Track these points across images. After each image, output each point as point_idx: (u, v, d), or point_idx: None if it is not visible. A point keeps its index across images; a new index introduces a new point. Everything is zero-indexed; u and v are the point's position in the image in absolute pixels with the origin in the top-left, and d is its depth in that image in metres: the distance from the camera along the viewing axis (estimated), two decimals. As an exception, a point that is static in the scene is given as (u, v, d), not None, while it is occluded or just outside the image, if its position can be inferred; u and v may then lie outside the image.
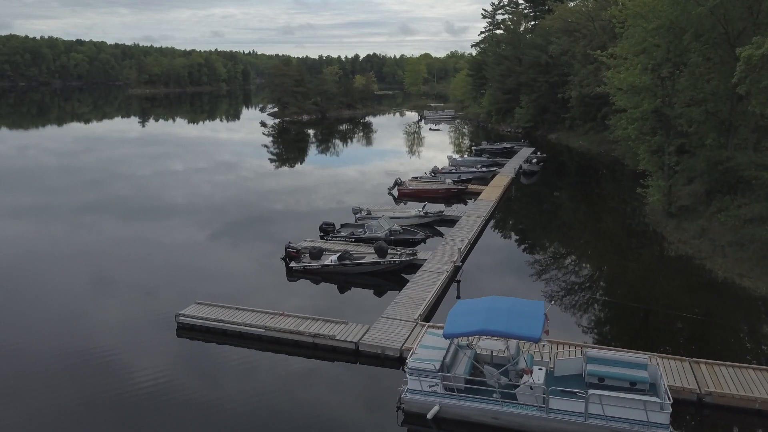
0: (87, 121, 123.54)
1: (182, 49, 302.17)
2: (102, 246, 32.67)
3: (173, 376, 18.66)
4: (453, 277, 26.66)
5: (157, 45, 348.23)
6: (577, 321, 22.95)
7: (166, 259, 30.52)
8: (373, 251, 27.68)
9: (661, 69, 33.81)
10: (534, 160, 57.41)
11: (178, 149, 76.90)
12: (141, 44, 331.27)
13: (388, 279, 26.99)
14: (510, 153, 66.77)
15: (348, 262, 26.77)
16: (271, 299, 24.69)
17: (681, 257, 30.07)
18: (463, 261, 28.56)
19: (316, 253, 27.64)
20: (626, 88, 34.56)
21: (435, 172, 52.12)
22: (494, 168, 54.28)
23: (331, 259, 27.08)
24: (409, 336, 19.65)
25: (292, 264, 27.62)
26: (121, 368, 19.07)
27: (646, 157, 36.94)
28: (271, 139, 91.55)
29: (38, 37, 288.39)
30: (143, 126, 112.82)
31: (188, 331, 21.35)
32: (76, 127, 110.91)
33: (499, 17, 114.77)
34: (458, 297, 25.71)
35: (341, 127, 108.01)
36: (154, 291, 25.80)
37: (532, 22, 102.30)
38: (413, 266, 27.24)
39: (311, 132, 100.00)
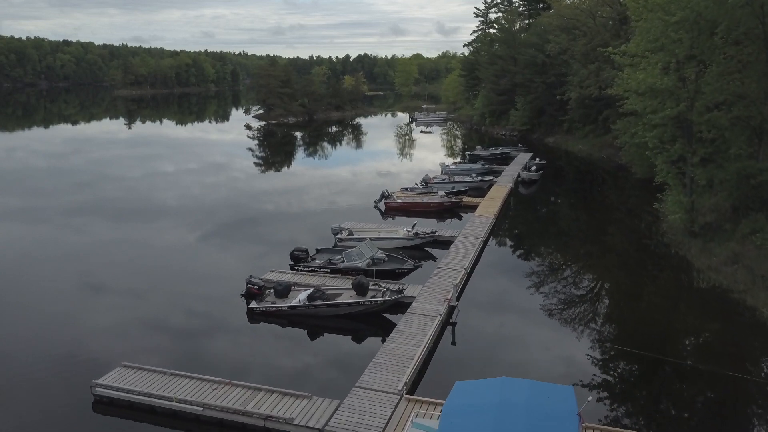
0: (74, 122, 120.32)
1: (172, 49, 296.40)
2: (82, 251, 31.54)
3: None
4: (447, 320, 22.12)
5: (146, 46, 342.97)
6: (607, 384, 18.38)
7: (116, 288, 25.88)
8: (351, 287, 23.06)
9: (684, 68, 29.45)
10: (533, 168, 53.03)
11: (156, 153, 73.14)
12: (130, 45, 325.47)
13: (368, 322, 22.38)
14: (506, 159, 62.40)
15: (320, 302, 22.14)
16: (221, 352, 20.10)
17: (714, 290, 25.60)
18: (459, 296, 23.99)
19: (282, 290, 22.96)
20: (644, 90, 30.07)
21: (426, 181, 47.55)
22: (490, 177, 49.79)
23: (299, 299, 22.38)
24: (390, 417, 15.03)
25: (253, 304, 22.90)
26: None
27: (665, 169, 32.53)
28: (256, 142, 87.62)
29: (24, 38, 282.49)
30: (129, 128, 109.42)
31: (107, 406, 16.61)
32: (63, 129, 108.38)
33: (492, 15, 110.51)
34: (453, 342, 21.30)
35: (329, 130, 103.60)
36: (81, 342, 21.07)
37: (527, 21, 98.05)
38: (400, 305, 22.71)
39: (298, 135, 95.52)
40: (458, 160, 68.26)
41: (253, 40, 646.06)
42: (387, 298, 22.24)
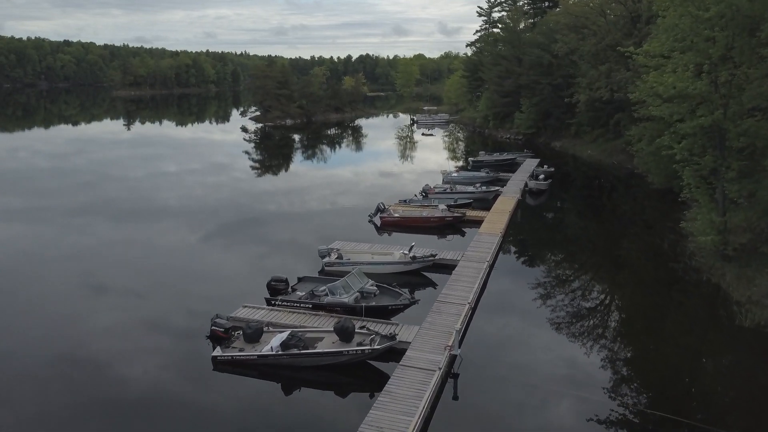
0: (75, 123, 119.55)
1: (174, 50, 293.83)
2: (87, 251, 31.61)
3: None
4: (448, 372, 18.61)
5: (148, 46, 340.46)
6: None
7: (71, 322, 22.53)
8: (333, 331, 19.50)
9: (718, 71, 25.85)
10: (541, 176, 49.43)
11: (153, 154, 72.06)
12: (132, 45, 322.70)
13: (354, 374, 18.85)
14: (512, 165, 58.80)
15: (296, 351, 18.60)
16: (172, 416, 16.67)
17: (759, 329, 21.91)
18: (462, 338, 20.47)
19: (253, 334, 19.45)
20: (674, 95, 26.45)
21: (426, 192, 43.99)
22: (496, 188, 46.07)
23: (272, 346, 18.81)
24: None
25: (217, 351, 19.30)
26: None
27: (693, 183, 28.88)
28: (252, 145, 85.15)
29: (24, 38, 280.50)
30: (128, 129, 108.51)
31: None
32: (64, 129, 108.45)
33: (496, 15, 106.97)
34: (455, 397, 17.86)
35: (328, 132, 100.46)
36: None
37: (531, 20, 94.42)
38: (393, 352, 19.17)
39: (296, 137, 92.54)
40: (461, 163, 65.02)
41: (256, 41, 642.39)
42: (376, 347, 18.64)
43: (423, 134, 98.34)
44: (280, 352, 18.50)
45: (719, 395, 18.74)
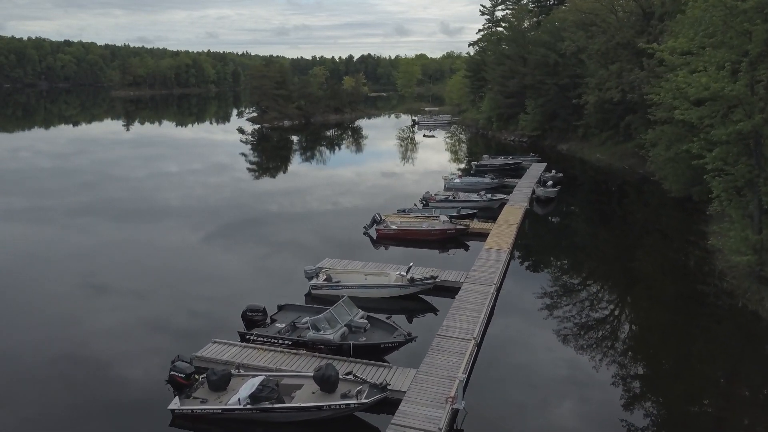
0: (75, 123, 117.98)
1: (175, 50, 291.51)
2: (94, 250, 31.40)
3: None
4: (450, 430, 15.59)
5: (150, 46, 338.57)
6: None
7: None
8: (313, 378, 16.43)
9: (757, 70, 22.81)
10: (549, 182, 46.27)
11: (147, 155, 70.27)
12: (134, 45, 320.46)
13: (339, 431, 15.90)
14: (518, 170, 55.74)
15: (267, 405, 15.56)
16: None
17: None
18: (467, 383, 17.43)
19: (219, 381, 16.39)
20: (709, 96, 23.40)
21: (426, 200, 40.91)
22: (501, 196, 42.87)
23: (239, 398, 15.73)
24: None
25: (175, 404, 16.18)
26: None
27: (725, 196, 25.80)
28: (249, 147, 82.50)
29: (24, 38, 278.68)
30: (127, 129, 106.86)
31: None
32: (65, 129, 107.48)
33: (499, 14, 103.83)
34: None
35: (327, 133, 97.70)
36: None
37: (536, 18, 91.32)
38: (385, 402, 16.14)
39: (294, 138, 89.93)
40: (463, 166, 62.04)
41: (257, 41, 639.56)
42: (363, 400, 15.56)
43: (424, 135, 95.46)
44: (249, 406, 15.43)
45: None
